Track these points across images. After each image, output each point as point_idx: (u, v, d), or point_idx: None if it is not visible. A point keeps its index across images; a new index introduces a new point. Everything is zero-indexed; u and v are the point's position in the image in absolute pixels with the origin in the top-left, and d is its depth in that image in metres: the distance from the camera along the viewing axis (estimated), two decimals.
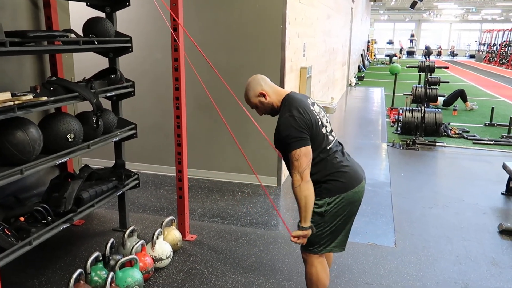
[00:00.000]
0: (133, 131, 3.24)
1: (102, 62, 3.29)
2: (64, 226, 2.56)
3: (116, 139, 3.05)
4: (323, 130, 2.15)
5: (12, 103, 2.07)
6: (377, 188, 4.58)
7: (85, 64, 3.93)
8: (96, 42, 2.82)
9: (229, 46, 4.52)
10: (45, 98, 2.24)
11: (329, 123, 2.27)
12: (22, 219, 2.38)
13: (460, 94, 9.37)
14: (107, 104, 3.11)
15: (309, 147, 2.06)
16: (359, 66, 18.29)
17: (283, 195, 4.45)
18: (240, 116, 4.53)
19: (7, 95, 2.04)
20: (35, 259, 3.01)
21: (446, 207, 4.15)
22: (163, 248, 2.95)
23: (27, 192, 3.01)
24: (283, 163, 4.54)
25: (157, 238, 2.97)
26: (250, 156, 4.49)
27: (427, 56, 7.70)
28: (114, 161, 3.31)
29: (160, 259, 2.93)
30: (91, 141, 2.76)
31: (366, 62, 20.22)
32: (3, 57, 2.87)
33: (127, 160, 3.47)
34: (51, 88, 2.56)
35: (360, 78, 15.50)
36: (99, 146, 2.86)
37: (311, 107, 2.16)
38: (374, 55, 25.89)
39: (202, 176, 4.88)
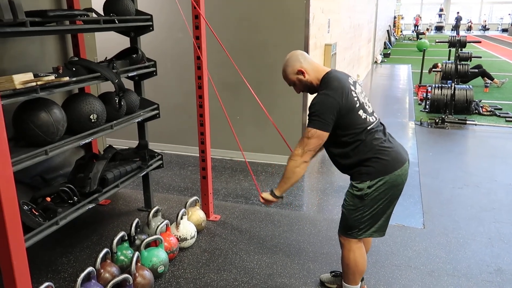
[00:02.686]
0: (156, 112, 3.22)
1: (124, 42, 3.25)
2: (90, 206, 2.58)
3: (139, 119, 3.03)
4: (362, 111, 2.05)
5: (34, 83, 2.06)
6: None
7: (107, 44, 3.90)
8: (116, 21, 2.77)
9: (252, 23, 4.42)
10: (67, 79, 2.22)
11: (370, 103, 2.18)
12: (48, 199, 2.40)
13: (482, 74, 8.88)
14: (129, 85, 3.09)
15: (326, 134, 2.00)
16: (385, 43, 17.78)
17: (306, 175, 4.38)
18: (264, 95, 4.46)
19: (29, 76, 2.03)
20: (63, 238, 3.06)
21: (477, 187, 4.00)
22: (187, 228, 2.95)
23: (53, 173, 3.04)
24: None
25: (181, 218, 2.97)
26: (273, 136, 4.44)
27: (456, 29, 7.36)
28: (138, 142, 3.30)
29: (185, 239, 2.93)
30: (114, 122, 2.75)
31: (392, 39, 19.65)
32: (25, 38, 2.87)
33: (151, 140, 3.46)
34: (73, 69, 2.54)
35: (386, 55, 15.08)
36: (122, 126, 2.85)
37: (352, 87, 2.06)
38: (401, 31, 25.10)
39: (226, 157, 4.85)
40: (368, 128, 2.05)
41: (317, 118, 1.97)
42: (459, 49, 6.63)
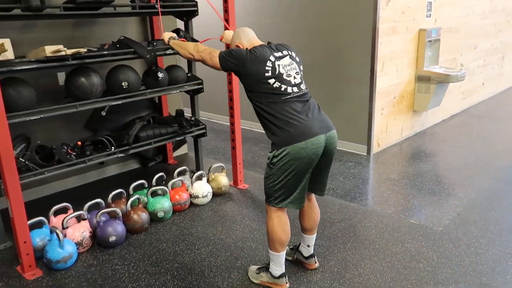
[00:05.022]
0: (200, 86, 3.68)
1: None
2: (120, 155, 3.24)
3: (177, 91, 3.55)
4: (276, 80, 2.14)
5: (64, 53, 2.77)
6: None
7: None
8: (158, 7, 3.33)
9: (324, 5, 4.46)
10: (84, 50, 2.87)
11: (302, 77, 2.24)
12: (79, 143, 3.13)
13: None
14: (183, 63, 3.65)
15: (217, 64, 2.27)
16: None
17: (373, 166, 4.26)
18: (334, 81, 4.50)
19: (59, 47, 2.74)
20: (119, 183, 3.80)
21: None
22: (200, 187, 3.38)
23: (116, 129, 3.81)
24: (374, 131, 4.33)
25: (197, 179, 3.41)
26: (340, 121, 4.46)
27: None
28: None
29: (196, 197, 3.37)
30: (149, 90, 3.34)
31: None
32: (110, 22, 3.70)
33: (207, 111, 3.95)
34: (117, 45, 3.22)
35: None
36: (158, 95, 3.44)
37: (272, 58, 2.17)
38: None
39: None
40: (283, 98, 2.12)
41: (225, 52, 2.25)
42: None
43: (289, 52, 2.26)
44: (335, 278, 2.43)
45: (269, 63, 2.16)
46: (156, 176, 3.38)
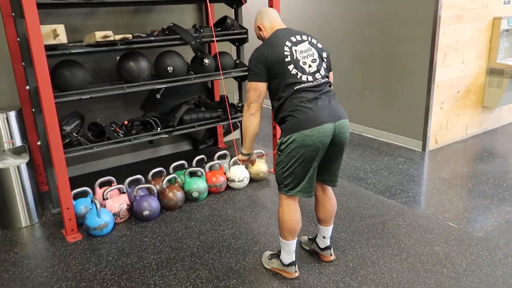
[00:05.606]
0: (246, 73, 3.75)
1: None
2: (164, 136, 3.43)
3: (222, 77, 3.66)
4: (293, 66, 2.11)
5: (112, 38, 2.99)
6: None
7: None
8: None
9: None
10: (130, 36, 3.06)
11: (320, 65, 2.19)
12: (126, 122, 3.37)
13: None
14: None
15: (261, 84, 2.14)
16: None
17: (425, 163, 4.03)
18: (391, 71, 4.30)
19: (107, 33, 2.96)
20: (170, 162, 4.01)
21: None
22: (237, 172, 3.47)
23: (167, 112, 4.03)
24: (432, 126, 4.09)
25: (235, 163, 3.50)
26: (395, 113, 4.28)
27: None
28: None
29: (233, 180, 3.47)
30: (194, 75, 3.48)
31: None
32: (166, 9, 3.91)
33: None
34: (166, 32, 3.40)
35: None
36: (203, 80, 3.57)
37: (289, 43, 2.14)
38: None
39: (351, 129, 4.92)
40: (298, 86, 2.10)
41: (250, 72, 2.17)
42: None
43: (309, 38, 2.22)
44: (347, 273, 2.38)
45: (286, 48, 2.14)
46: (197, 158, 3.54)
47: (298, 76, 2.12)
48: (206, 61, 3.50)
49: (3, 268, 2.54)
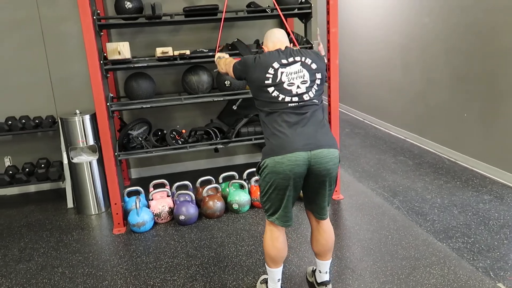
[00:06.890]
0: None
1: None
2: (220, 146, 3.59)
3: None
4: (275, 88, 2.03)
5: (171, 53, 3.27)
6: None
7: None
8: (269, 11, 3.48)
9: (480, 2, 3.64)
10: (187, 51, 3.27)
11: (310, 87, 2.05)
12: (184, 131, 3.61)
13: None
14: None
15: (236, 74, 2.29)
16: None
17: None
18: (495, 91, 3.67)
19: (167, 49, 3.26)
20: (241, 171, 4.14)
21: None
22: None
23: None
24: None
25: None
26: (496, 144, 3.66)
27: None
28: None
29: None
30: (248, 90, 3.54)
31: None
32: (246, 25, 4.07)
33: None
34: (229, 47, 3.56)
35: None
36: None
37: (276, 65, 2.06)
38: None
39: (444, 154, 4.32)
40: (279, 108, 2.02)
41: (237, 61, 2.31)
42: None
43: (303, 58, 2.09)
44: None
45: (271, 70, 2.07)
46: (248, 171, 3.59)
47: (280, 99, 2.04)
48: None
49: (66, 242, 3.03)
